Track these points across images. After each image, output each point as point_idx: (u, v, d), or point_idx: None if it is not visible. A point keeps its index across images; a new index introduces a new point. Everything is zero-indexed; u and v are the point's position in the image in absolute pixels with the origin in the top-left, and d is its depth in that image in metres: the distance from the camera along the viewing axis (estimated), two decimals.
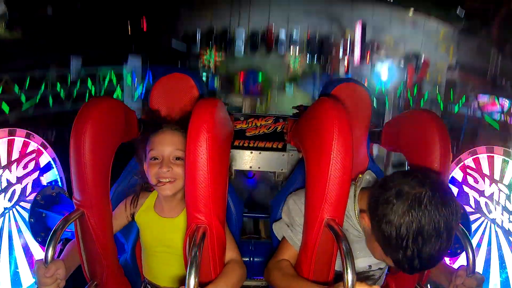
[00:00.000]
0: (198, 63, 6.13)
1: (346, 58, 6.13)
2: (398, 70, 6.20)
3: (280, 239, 1.22)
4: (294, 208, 1.16)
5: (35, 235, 1.66)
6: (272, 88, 6.35)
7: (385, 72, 6.15)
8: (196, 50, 5.97)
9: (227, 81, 6.21)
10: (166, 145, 1.15)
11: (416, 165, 1.16)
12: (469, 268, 1.04)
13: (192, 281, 0.81)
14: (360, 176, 1.17)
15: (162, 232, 1.20)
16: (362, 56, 6.05)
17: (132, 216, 1.24)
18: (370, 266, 1.18)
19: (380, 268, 1.21)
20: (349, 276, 0.81)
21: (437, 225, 0.86)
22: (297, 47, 6.20)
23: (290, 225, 1.17)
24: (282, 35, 6.10)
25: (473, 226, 1.72)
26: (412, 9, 5.42)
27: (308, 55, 6.22)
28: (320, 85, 6.20)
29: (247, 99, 6.22)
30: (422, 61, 6.18)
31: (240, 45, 6.07)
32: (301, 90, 6.34)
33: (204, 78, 5.98)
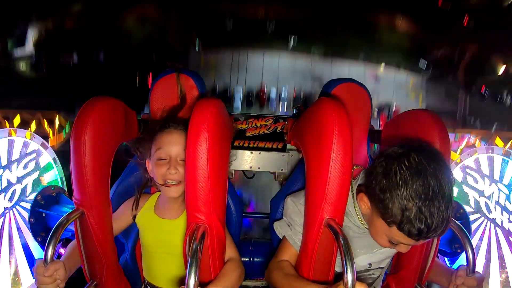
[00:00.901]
0: None
1: None
2: (372, 120, 6.82)
3: (280, 237, 1.22)
4: (294, 210, 1.16)
5: (35, 235, 1.66)
6: None
7: None
8: None
9: None
10: (174, 145, 1.14)
11: None
12: (469, 267, 1.04)
13: (192, 281, 0.81)
14: (356, 167, 1.20)
15: (162, 233, 1.20)
16: None
17: (134, 217, 1.24)
18: (370, 264, 1.18)
19: (380, 267, 1.21)
20: (349, 276, 0.81)
21: (429, 177, 0.88)
22: (286, 103, 7.30)
23: (290, 225, 1.17)
24: (273, 94, 7.21)
25: (473, 226, 1.72)
26: (383, 64, 6.21)
27: (294, 111, 7.18)
28: None
29: None
30: (394, 109, 7.18)
31: (238, 101, 7.17)
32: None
33: None
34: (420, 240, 0.92)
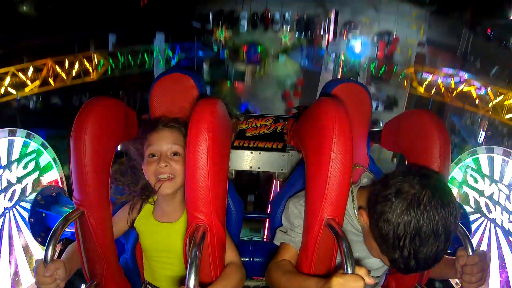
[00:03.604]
0: (211, 38, 8.68)
1: (326, 35, 8.40)
2: (371, 45, 8.11)
3: (278, 244, 1.19)
4: (294, 211, 1.16)
5: (35, 235, 1.66)
6: (268, 57, 8.87)
7: (358, 46, 8.15)
8: (209, 28, 8.49)
9: (233, 52, 8.80)
10: (164, 140, 1.14)
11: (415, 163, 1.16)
12: (468, 250, 1.05)
13: (192, 281, 0.81)
14: (357, 166, 1.22)
15: (161, 237, 1.19)
16: (336, 34, 8.27)
17: (132, 222, 1.23)
18: (369, 271, 1.18)
19: (377, 276, 1.21)
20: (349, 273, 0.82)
21: (435, 226, 0.85)
22: (289, 26, 8.43)
23: (290, 229, 1.16)
24: (277, 16, 8.31)
25: (473, 226, 1.72)
26: None
27: (296, 32, 8.52)
28: (306, 55, 8.64)
29: (249, 66, 8.93)
30: (393, 37, 7.70)
31: (243, 24, 8.33)
32: (291, 59, 8.78)
33: (215, 50, 8.79)
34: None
